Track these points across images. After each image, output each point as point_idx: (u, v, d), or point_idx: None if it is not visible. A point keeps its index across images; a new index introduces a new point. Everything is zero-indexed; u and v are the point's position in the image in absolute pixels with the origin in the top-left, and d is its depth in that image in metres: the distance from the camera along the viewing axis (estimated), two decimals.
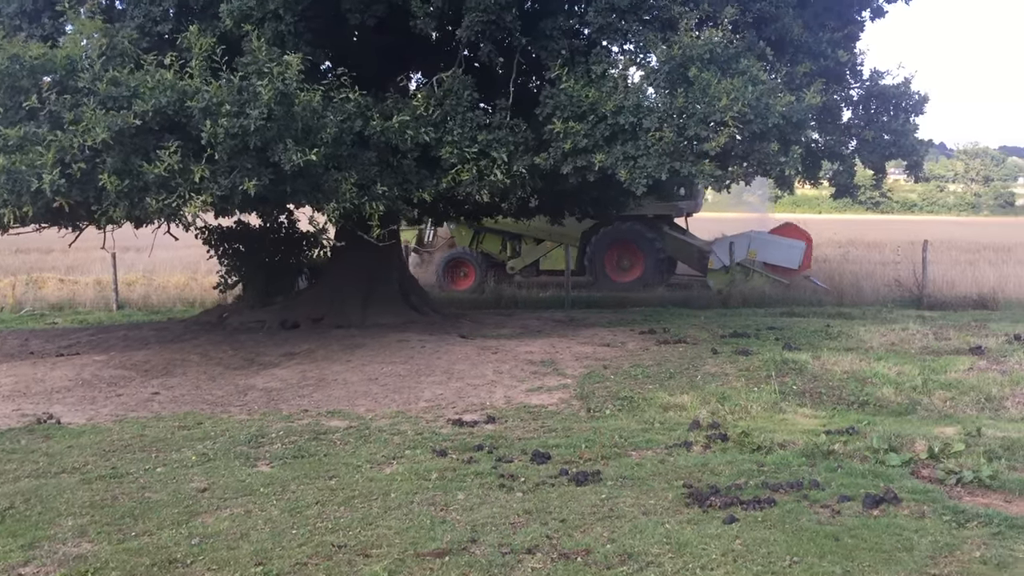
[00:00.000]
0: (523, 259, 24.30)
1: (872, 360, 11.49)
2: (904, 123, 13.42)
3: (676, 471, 7.20)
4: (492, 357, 12.31)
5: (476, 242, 24.44)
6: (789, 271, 21.88)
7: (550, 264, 24.16)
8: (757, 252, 21.90)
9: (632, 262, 23.57)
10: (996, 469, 6.97)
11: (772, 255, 21.82)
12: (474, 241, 24.42)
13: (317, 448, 8.03)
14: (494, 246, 24.42)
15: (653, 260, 23.09)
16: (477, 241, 24.44)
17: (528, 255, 24.30)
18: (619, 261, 23.66)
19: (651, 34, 11.21)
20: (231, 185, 9.68)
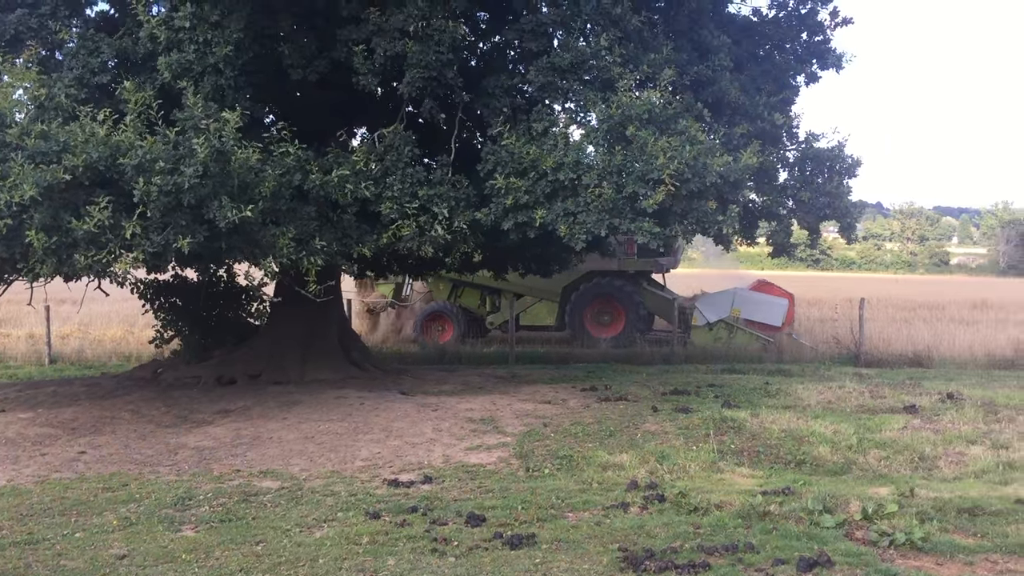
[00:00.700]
0: (502, 314, 24.15)
1: (809, 418, 11.57)
2: (838, 185, 13.72)
3: (612, 534, 7.11)
4: (432, 414, 12.16)
5: (454, 296, 24.30)
6: (772, 328, 22.03)
7: (530, 319, 24.08)
8: (740, 310, 22.04)
9: (613, 317, 23.54)
10: (928, 531, 7.00)
11: (755, 312, 21.98)
12: (452, 295, 24.28)
13: (246, 511, 7.80)
14: (472, 301, 24.26)
15: (634, 315, 23.08)
16: (455, 296, 24.30)
17: (507, 310, 24.22)
18: (599, 316, 23.63)
19: (591, 93, 11.35)
20: (164, 242, 9.49)
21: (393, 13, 11.38)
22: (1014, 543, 6.85)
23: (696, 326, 22.31)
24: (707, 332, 21.97)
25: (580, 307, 23.38)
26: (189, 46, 10.70)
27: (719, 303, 22.51)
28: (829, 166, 14.00)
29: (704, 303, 22.76)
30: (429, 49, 11.03)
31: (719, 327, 21.82)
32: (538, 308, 23.83)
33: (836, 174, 13.96)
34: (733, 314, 22.10)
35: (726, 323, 21.92)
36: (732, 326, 21.85)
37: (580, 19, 11.70)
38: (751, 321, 22.13)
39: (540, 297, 23.62)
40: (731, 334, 21.66)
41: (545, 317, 23.89)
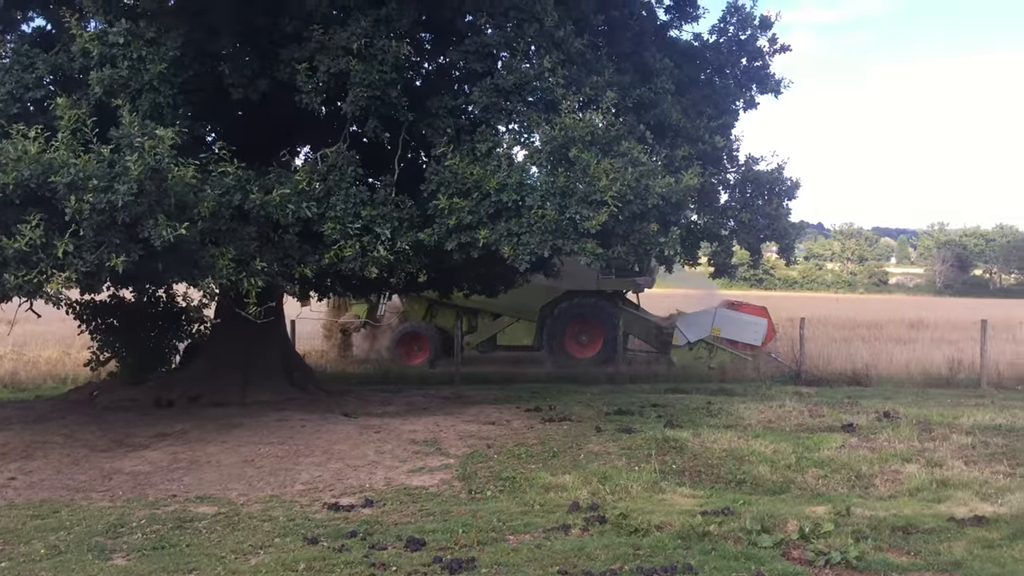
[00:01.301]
0: (480, 334, 24.07)
1: (750, 438, 11.69)
2: (777, 207, 13.96)
3: (552, 556, 7.08)
4: (374, 436, 12.04)
5: (430, 316, 24.14)
6: (752, 347, 22.16)
7: (508, 339, 24.00)
8: (721, 329, 22.13)
9: (591, 337, 23.51)
10: (863, 550, 7.10)
11: (736, 332, 22.08)
12: (427, 315, 24.13)
13: (180, 538, 7.62)
14: (448, 321, 24.08)
15: (613, 336, 22.97)
16: (431, 316, 24.15)
17: (485, 330, 24.10)
18: (578, 336, 23.60)
19: (535, 115, 11.41)
20: (98, 261, 9.29)
21: (336, 32, 11.33)
22: (946, 561, 6.98)
23: (677, 345, 22.38)
24: (687, 351, 22.05)
25: (558, 327, 23.36)
26: (123, 62, 10.53)
27: (699, 322, 22.60)
28: (769, 188, 14.24)
29: (684, 322, 22.84)
30: (372, 68, 11.00)
31: (699, 346, 21.91)
32: (516, 328, 23.77)
33: (776, 196, 14.20)
34: (713, 333, 22.20)
35: (706, 342, 22.01)
36: (712, 345, 21.96)
37: (523, 41, 11.77)
38: (731, 340, 22.27)
39: (518, 317, 23.55)
40: (711, 353, 21.77)
41: (523, 337, 23.83)
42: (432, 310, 24.13)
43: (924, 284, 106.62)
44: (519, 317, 23.58)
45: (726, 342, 22.20)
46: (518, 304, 22.76)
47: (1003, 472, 9.99)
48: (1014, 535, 7.67)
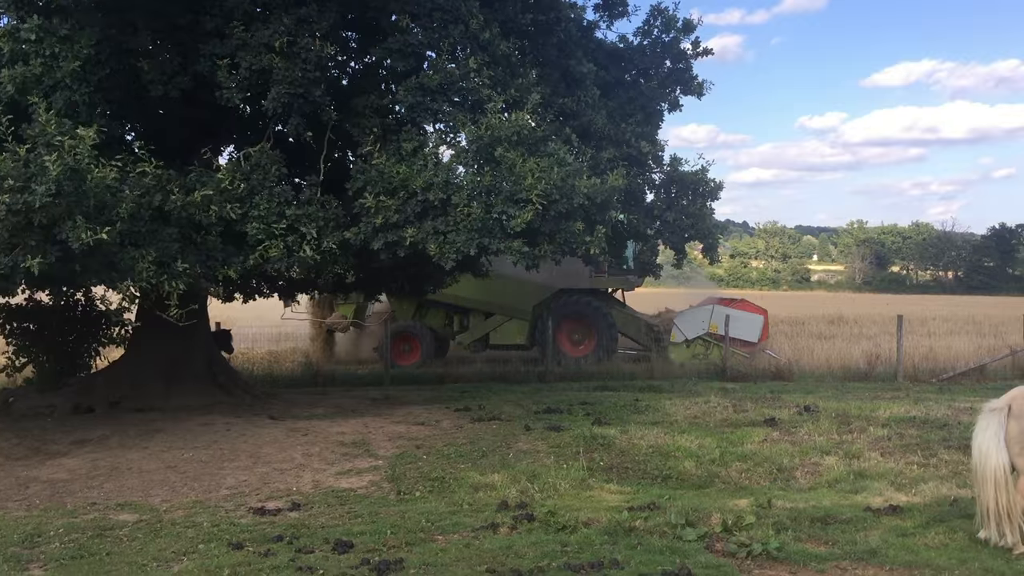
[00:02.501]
0: (472, 333, 23.86)
1: (676, 434, 11.88)
2: (701, 207, 14.23)
3: (481, 555, 7.10)
4: (302, 439, 11.91)
5: (419, 316, 23.89)
6: (749, 344, 22.29)
7: (501, 338, 23.79)
8: (718, 326, 22.13)
9: (584, 336, 23.44)
10: (783, 541, 7.28)
11: (733, 328, 22.09)
12: (416, 315, 23.87)
13: (100, 546, 7.44)
14: (437, 320, 23.89)
15: (607, 334, 23.01)
16: (420, 315, 23.89)
17: (477, 329, 23.87)
18: (571, 335, 23.50)
19: (460, 115, 11.43)
20: (12, 263, 9.01)
21: (258, 29, 11.19)
22: (862, 550, 7.19)
23: (674, 342, 22.45)
24: (685, 348, 22.12)
25: (551, 326, 23.27)
26: (35, 60, 10.23)
27: (697, 319, 22.65)
28: (693, 189, 14.50)
29: (682, 319, 22.87)
30: (295, 66, 10.90)
31: (696, 343, 22.01)
32: (509, 327, 23.61)
33: (700, 197, 14.47)
34: (711, 330, 22.29)
35: (703, 339, 22.13)
36: (709, 342, 22.07)
37: (448, 42, 11.77)
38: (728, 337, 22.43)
39: (511, 316, 23.41)
40: (708, 350, 21.89)
41: (516, 336, 23.70)
42: (421, 310, 23.93)
43: (844, 281, 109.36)
44: (512, 316, 23.45)
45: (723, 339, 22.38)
46: (511, 303, 22.79)
47: (917, 463, 10.33)
48: (927, 523, 7.95)
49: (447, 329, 24.42)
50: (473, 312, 23.86)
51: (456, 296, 22.56)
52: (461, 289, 21.51)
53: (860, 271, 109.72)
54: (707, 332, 22.46)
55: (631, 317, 24.07)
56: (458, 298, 22.84)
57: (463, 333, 24.17)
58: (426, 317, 24.16)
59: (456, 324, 24.36)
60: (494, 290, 22.23)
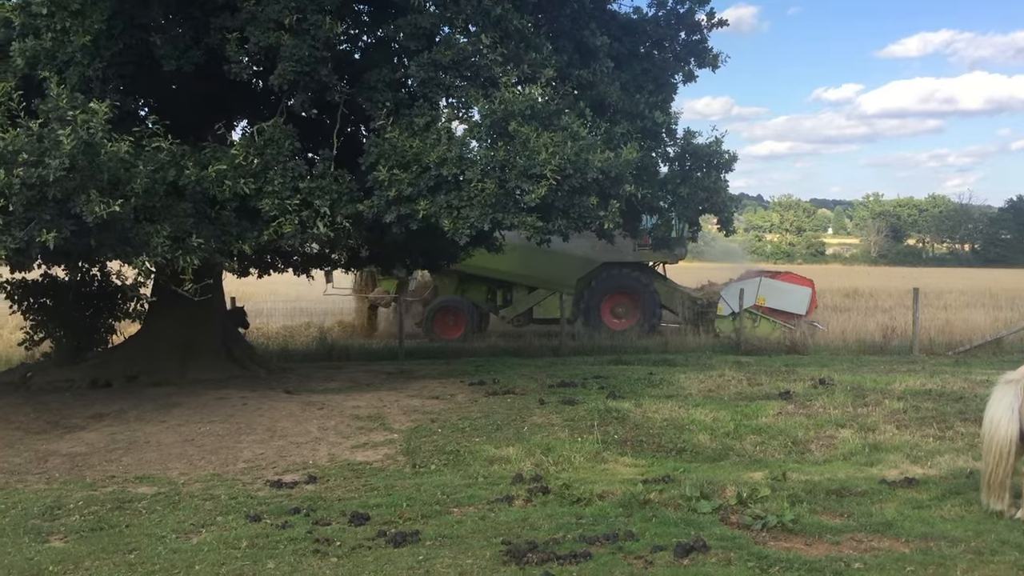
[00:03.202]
0: (515, 307, 23.78)
1: (690, 407, 11.88)
2: (716, 180, 14.12)
3: (496, 527, 7.14)
4: (317, 413, 11.98)
5: (461, 291, 23.86)
6: (796, 316, 22.11)
7: (544, 312, 23.69)
8: (766, 298, 22.00)
9: (627, 309, 23.33)
10: (798, 513, 7.29)
11: (780, 301, 21.95)
12: (459, 290, 23.84)
13: (119, 518, 7.52)
14: (479, 295, 23.83)
15: (651, 307, 22.87)
16: (462, 290, 23.86)
17: (520, 303, 23.80)
18: (614, 308, 23.41)
19: (473, 90, 11.36)
20: (27, 238, 9.05)
21: (269, 3, 11.12)
22: (877, 522, 7.19)
23: (721, 315, 22.33)
24: (731, 321, 21.97)
25: (595, 299, 23.17)
26: (47, 34, 10.21)
27: (745, 291, 22.23)
28: (707, 162, 14.40)
29: (729, 292, 22.64)
30: (303, 43, 10.82)
31: (743, 316, 21.92)
32: (552, 301, 23.46)
33: (714, 169, 14.36)
34: (758, 303, 22.12)
35: (750, 312, 22.00)
36: (756, 315, 21.95)
37: (461, 18, 11.68)
38: (775, 310, 22.23)
39: (554, 289, 23.27)
40: (755, 323, 21.78)
41: (559, 309, 23.45)
42: (464, 284, 23.86)
43: (860, 254, 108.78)
44: (555, 290, 23.27)
45: (769, 311, 22.13)
46: (554, 277, 22.70)
47: (933, 435, 10.31)
48: (942, 496, 7.95)
49: (490, 303, 24.31)
50: (516, 286, 23.74)
51: (499, 270, 22.55)
52: (505, 263, 21.49)
53: (876, 244, 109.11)
54: (754, 305, 22.24)
55: (674, 290, 23.84)
56: (501, 272, 22.79)
57: (506, 307, 24.06)
58: (468, 291, 24.03)
59: (499, 298, 24.23)
60: (538, 264, 22.19)
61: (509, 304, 24.17)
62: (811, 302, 22.81)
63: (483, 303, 24.22)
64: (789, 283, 23.10)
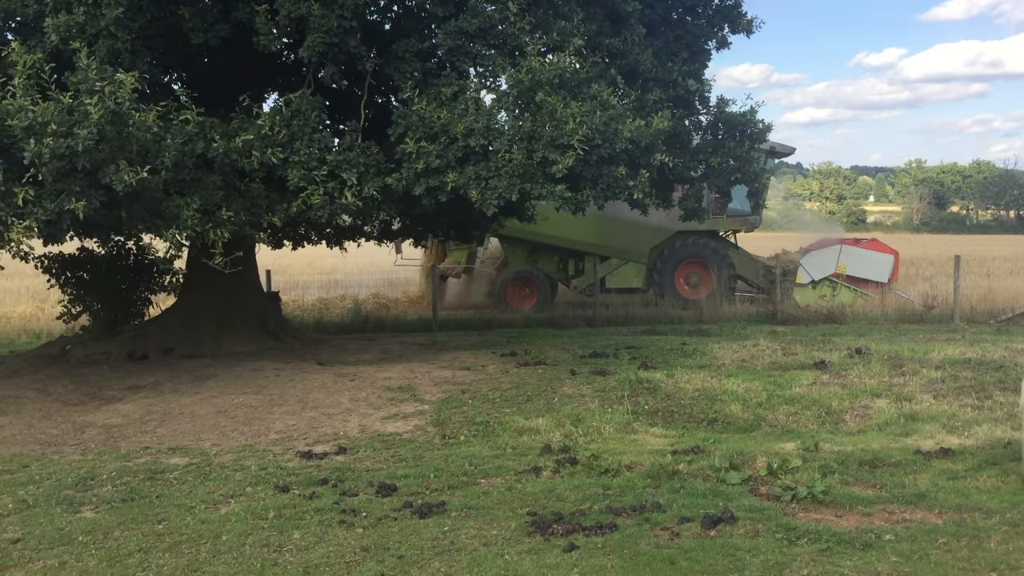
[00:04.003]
0: (587, 277, 23.63)
1: (723, 377, 11.76)
2: (749, 150, 13.87)
3: (523, 498, 7.13)
4: (349, 384, 12.04)
5: (531, 260, 23.85)
6: (878, 284, 21.83)
7: (616, 282, 23.62)
8: (847, 266, 21.68)
9: (700, 278, 23.14)
10: (829, 484, 7.18)
11: (862, 269, 21.63)
12: (529, 259, 23.83)
13: (151, 489, 7.61)
14: (550, 265, 23.73)
15: (725, 276, 22.62)
16: (532, 260, 23.84)
17: (593, 273, 23.47)
18: (687, 278, 23.24)
19: (500, 59, 11.23)
20: (58, 209, 9.13)
21: None
22: (910, 493, 7.07)
23: (799, 284, 22.05)
24: (811, 290, 21.73)
25: (668, 268, 22.97)
26: (78, 8, 10.24)
27: (824, 260, 22.17)
28: (740, 131, 14.14)
29: (809, 260, 22.40)
30: (332, 13, 10.75)
31: (823, 284, 21.63)
32: (625, 270, 23.42)
33: (747, 138, 14.11)
34: (839, 271, 21.82)
35: (830, 280, 21.77)
36: (836, 283, 21.70)
37: None
38: (856, 278, 21.91)
39: (627, 259, 23.22)
40: (835, 291, 21.51)
41: (632, 279, 23.49)
42: (535, 254, 23.78)
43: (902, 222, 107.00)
44: (628, 259, 23.20)
45: (850, 279, 21.77)
46: (627, 246, 22.60)
47: (971, 405, 10.11)
48: (979, 466, 7.79)
49: (561, 273, 24.14)
50: (588, 256, 23.51)
51: (572, 239, 22.47)
52: (577, 232, 21.41)
53: (918, 211, 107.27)
54: (835, 273, 21.89)
55: (748, 259, 23.52)
56: (574, 241, 22.67)
57: (578, 277, 23.89)
58: (540, 261, 23.89)
59: (571, 268, 24.06)
60: (610, 233, 22.01)
61: (581, 274, 23.92)
62: (893, 270, 22.29)
63: (555, 272, 24.00)
64: (871, 250, 22.57)
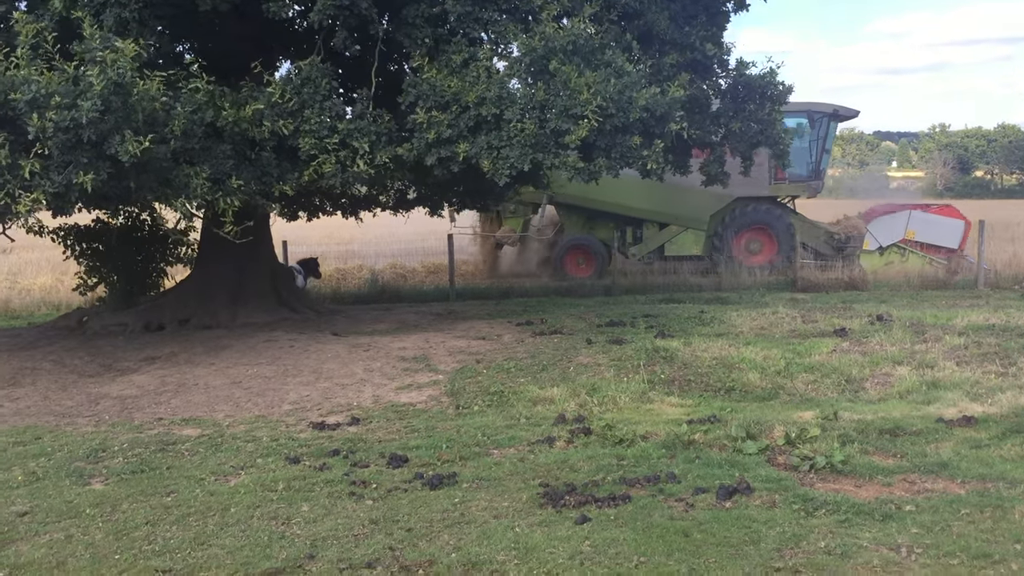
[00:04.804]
0: (646, 245, 23.37)
1: (740, 345, 11.59)
2: (770, 112, 13.60)
3: (535, 469, 7.02)
4: (363, 355, 11.95)
5: (587, 228, 23.59)
6: (950, 251, 21.40)
7: (675, 249, 23.21)
8: (916, 232, 21.28)
9: (761, 245, 22.76)
10: (848, 453, 7.03)
11: (932, 234, 21.18)
12: (585, 227, 23.59)
13: (161, 460, 7.57)
14: (607, 233, 23.36)
15: (787, 243, 22.16)
16: (589, 227, 23.58)
17: (652, 241, 23.36)
18: (748, 244, 22.79)
19: (512, 24, 11.00)
20: (65, 181, 9.04)
21: None
22: (932, 462, 6.90)
23: (867, 250, 21.68)
24: (878, 256, 21.39)
25: (729, 235, 22.56)
26: None
27: (892, 225, 21.79)
28: (761, 93, 13.87)
29: (876, 226, 22.00)
30: None
31: (891, 251, 21.28)
32: (684, 238, 23.08)
33: (768, 101, 13.83)
34: (908, 236, 21.45)
35: (899, 247, 21.39)
36: (905, 249, 21.32)
37: None
38: (925, 244, 21.54)
39: (686, 226, 22.91)
40: (903, 257, 21.17)
41: (692, 247, 23.09)
42: (591, 221, 23.52)
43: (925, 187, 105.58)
44: (688, 226, 22.88)
45: (920, 245, 21.44)
46: (686, 213, 22.33)
47: (995, 372, 9.89)
48: (1003, 434, 7.61)
49: (618, 241, 23.66)
50: (647, 223, 23.22)
51: (630, 207, 22.20)
52: (635, 199, 21.10)
53: (942, 177, 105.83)
54: (903, 239, 21.48)
55: (810, 225, 22.99)
56: (632, 208, 22.38)
57: (637, 245, 23.56)
58: (596, 229, 23.56)
59: (629, 236, 23.74)
60: (670, 200, 21.67)
61: (639, 241, 23.58)
62: (964, 236, 21.78)
63: (611, 240, 23.66)
64: (940, 215, 22.07)
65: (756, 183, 21.32)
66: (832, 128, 23.79)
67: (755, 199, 22.47)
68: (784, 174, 22.21)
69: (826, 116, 23.11)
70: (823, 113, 23.03)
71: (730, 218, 22.67)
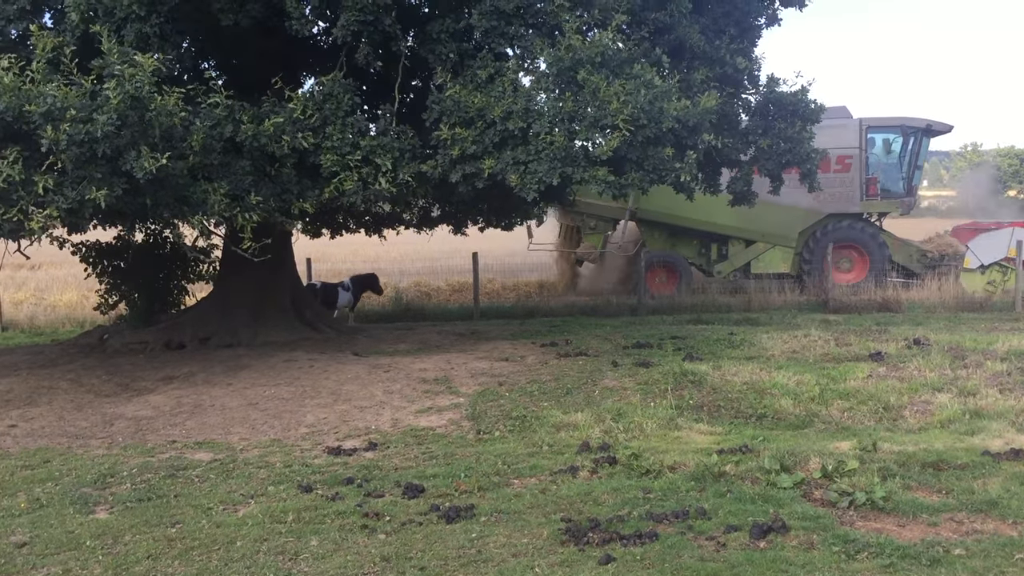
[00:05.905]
0: (732, 262, 22.97)
1: (772, 369, 11.20)
2: (800, 131, 13.25)
3: (557, 502, 6.69)
4: (384, 376, 11.67)
5: (670, 245, 23.27)
6: None
7: (762, 267, 22.75)
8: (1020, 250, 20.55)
9: (852, 263, 22.34)
10: (890, 489, 6.63)
11: None
12: (667, 243, 23.26)
13: (170, 487, 7.31)
14: (689, 250, 23.16)
15: (880, 259, 21.72)
16: (671, 244, 23.27)
17: (737, 258, 22.95)
18: (840, 262, 22.24)
19: (538, 39, 10.74)
20: (79, 197, 8.85)
21: None
22: (980, 500, 6.49)
23: (967, 269, 21.12)
24: (979, 275, 20.84)
25: (819, 252, 21.94)
26: None
27: (995, 243, 21.12)
28: (791, 111, 13.54)
29: (978, 244, 21.39)
30: None
31: (993, 269, 20.78)
32: (772, 255, 22.64)
33: (798, 119, 13.49)
34: (1010, 255, 20.73)
35: (1001, 265, 20.83)
36: (1007, 268, 20.74)
37: None
38: None
39: (774, 243, 22.49)
40: (1006, 276, 20.61)
41: (779, 264, 22.64)
42: (674, 238, 23.18)
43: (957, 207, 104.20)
44: (775, 243, 22.46)
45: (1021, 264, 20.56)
46: (774, 229, 21.97)
47: None
48: None
49: (702, 258, 23.42)
50: (733, 239, 22.78)
51: (715, 223, 21.79)
52: (721, 215, 20.55)
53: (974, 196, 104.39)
54: (1005, 257, 20.77)
55: (901, 242, 22.51)
56: (717, 225, 21.96)
57: (721, 262, 23.13)
58: (679, 245, 23.23)
59: (714, 252, 23.30)
60: (757, 216, 20.96)
61: (725, 259, 23.12)
62: None
63: (695, 257, 23.26)
64: None
65: (847, 199, 20.95)
66: (925, 143, 23.33)
67: (848, 216, 22.03)
68: (876, 190, 21.81)
69: (919, 131, 22.69)
70: (916, 128, 22.66)
71: (821, 234, 22.12)
